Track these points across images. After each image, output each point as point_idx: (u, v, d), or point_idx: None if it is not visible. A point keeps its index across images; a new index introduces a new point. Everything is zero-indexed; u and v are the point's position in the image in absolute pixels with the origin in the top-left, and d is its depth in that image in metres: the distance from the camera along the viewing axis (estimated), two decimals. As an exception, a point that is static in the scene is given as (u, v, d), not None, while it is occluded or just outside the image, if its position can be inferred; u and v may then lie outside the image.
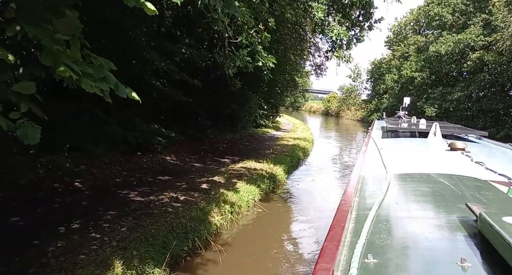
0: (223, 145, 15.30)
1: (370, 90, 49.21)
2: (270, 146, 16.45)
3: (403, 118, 9.14)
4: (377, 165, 3.41)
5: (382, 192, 2.35)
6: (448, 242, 1.63)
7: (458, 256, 1.42)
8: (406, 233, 1.73)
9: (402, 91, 34.21)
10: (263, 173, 9.68)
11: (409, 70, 32.48)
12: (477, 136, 6.50)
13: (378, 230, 1.74)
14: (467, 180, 2.75)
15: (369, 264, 1.39)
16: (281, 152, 14.62)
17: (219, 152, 13.40)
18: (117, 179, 7.49)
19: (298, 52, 16.56)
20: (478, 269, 1.36)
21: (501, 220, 1.47)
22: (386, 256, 1.46)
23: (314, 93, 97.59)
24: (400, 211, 2.10)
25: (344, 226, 1.69)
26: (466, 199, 2.20)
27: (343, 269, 1.38)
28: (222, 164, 10.82)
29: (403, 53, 38.79)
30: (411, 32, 41.44)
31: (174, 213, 5.68)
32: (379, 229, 1.76)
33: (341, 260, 1.45)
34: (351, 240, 1.63)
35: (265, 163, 11.05)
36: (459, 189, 2.49)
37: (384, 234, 1.70)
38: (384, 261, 1.41)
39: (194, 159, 11.10)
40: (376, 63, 46.28)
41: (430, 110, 27.63)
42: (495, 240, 1.40)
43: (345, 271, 1.36)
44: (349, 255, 1.47)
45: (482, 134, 6.51)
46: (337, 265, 1.39)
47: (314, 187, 11.08)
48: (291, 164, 12.88)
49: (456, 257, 1.41)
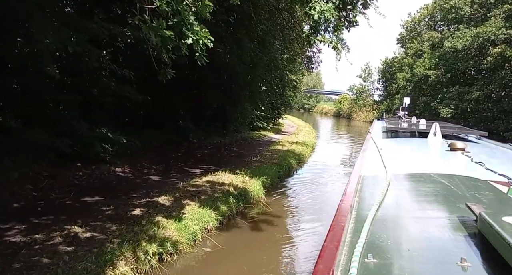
0: (204, 151, 13.36)
1: (381, 90, 46.78)
2: (261, 152, 14.46)
3: (403, 119, 9.12)
4: (377, 165, 3.37)
5: (382, 192, 2.33)
6: (448, 242, 1.64)
7: (458, 256, 1.41)
8: (406, 233, 1.75)
9: (415, 91, 31.78)
10: (231, 189, 7.69)
11: (422, 67, 29.99)
12: (477, 136, 6.44)
13: (378, 230, 1.73)
14: (467, 180, 2.75)
15: (369, 264, 1.39)
16: (270, 159, 12.62)
17: (195, 159, 11.46)
18: (16, 204, 5.59)
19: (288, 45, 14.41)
20: (478, 269, 1.37)
21: (501, 220, 1.47)
22: (386, 256, 1.46)
23: (326, 95, 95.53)
24: (400, 211, 2.13)
25: (344, 226, 1.72)
26: (466, 199, 2.19)
27: (343, 269, 1.38)
28: (188, 176, 8.88)
29: (417, 50, 36.33)
30: (425, 28, 38.99)
31: (47, 267, 3.71)
32: (379, 229, 1.75)
33: (341, 260, 1.45)
34: (351, 240, 1.63)
35: (241, 175, 9.07)
36: (459, 189, 2.48)
37: (384, 234, 1.69)
38: (384, 261, 1.42)
39: (154, 170, 9.19)
40: (388, 62, 43.78)
41: (445, 111, 25.19)
42: (495, 240, 1.40)
43: (345, 271, 1.36)
44: (349, 255, 1.47)
45: (482, 135, 6.49)
46: (337, 265, 1.39)
47: (299, 207, 8.98)
48: (277, 175, 10.86)
49: (456, 257, 1.41)
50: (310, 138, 22.52)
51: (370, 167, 3.34)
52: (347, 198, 2.16)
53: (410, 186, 2.69)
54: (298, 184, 11.17)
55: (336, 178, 12.34)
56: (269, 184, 9.58)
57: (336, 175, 13.04)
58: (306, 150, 16.93)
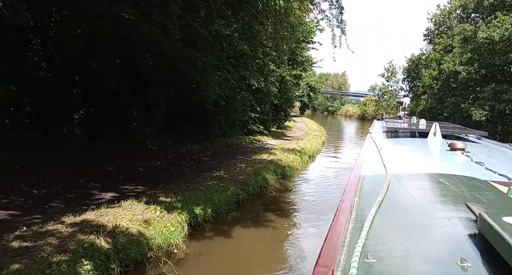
0: (157, 162, 10.45)
1: (406, 91, 42.67)
2: (235, 163, 11.46)
3: (403, 119, 9.19)
4: (377, 165, 3.32)
5: (382, 192, 2.30)
6: (448, 242, 1.62)
7: (458, 256, 1.40)
8: (406, 233, 1.73)
9: (443, 91, 27.78)
10: (107, 240, 4.72)
11: (452, 63, 25.97)
12: (477, 136, 6.45)
13: (378, 230, 1.71)
14: (467, 180, 2.75)
15: (369, 264, 1.38)
16: (238, 175, 9.63)
17: (126, 176, 8.58)
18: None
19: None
20: (478, 269, 1.36)
21: (501, 220, 1.46)
22: (386, 256, 1.45)
23: (351, 97, 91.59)
24: (400, 211, 2.11)
25: (344, 226, 1.71)
26: (466, 199, 2.19)
27: (343, 269, 1.37)
28: (75, 207, 6.00)
29: (446, 46, 32.20)
30: (456, 21, 34.73)
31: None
32: (379, 229, 1.73)
33: (341, 260, 1.44)
34: (351, 240, 1.61)
35: (161, 205, 6.12)
36: (459, 189, 2.47)
37: (384, 234, 1.68)
38: (384, 261, 1.41)
39: (29, 197, 6.34)
40: (414, 60, 39.64)
41: (478, 113, 21.29)
42: (495, 240, 1.40)
43: (345, 271, 1.35)
44: (349, 255, 1.45)
45: (482, 135, 6.52)
46: (337, 265, 1.38)
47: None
48: (232, 200, 7.81)
49: (456, 257, 1.40)
50: (315, 144, 19.27)
51: (370, 167, 3.29)
52: (347, 198, 2.18)
53: (410, 186, 2.69)
54: (258, 220, 7.80)
55: (328, 209, 8.14)
56: (204, 218, 6.55)
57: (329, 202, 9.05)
58: (300, 160, 13.75)
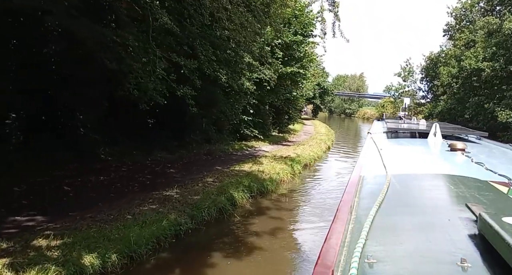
0: (100, 176, 8.52)
1: (424, 91, 39.78)
2: (205, 177, 9.52)
3: (403, 119, 9.58)
4: (377, 165, 3.31)
5: (382, 192, 2.29)
6: (448, 242, 1.61)
7: (458, 256, 1.40)
8: (406, 233, 1.73)
9: (464, 90, 25.14)
10: None
11: (474, 59, 23.34)
12: (477, 136, 6.43)
13: (378, 230, 1.70)
14: (467, 180, 2.73)
15: (369, 264, 1.37)
16: (197, 193, 7.69)
17: (33, 199, 6.75)
18: None
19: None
20: (478, 269, 1.36)
21: (501, 221, 1.45)
22: (386, 256, 1.45)
23: (369, 99, 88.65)
24: (400, 211, 2.10)
25: (344, 226, 1.71)
26: (466, 199, 2.18)
27: (343, 269, 1.37)
28: None
29: (468, 41, 29.46)
30: (480, 14, 31.88)
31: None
32: (379, 229, 1.72)
33: (341, 260, 1.44)
34: (351, 240, 1.61)
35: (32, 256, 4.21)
36: (459, 189, 2.46)
37: (384, 234, 1.67)
38: (384, 261, 1.40)
39: None
40: (433, 58, 36.80)
41: (504, 114, 18.72)
42: (495, 241, 1.39)
43: (345, 271, 1.34)
44: (349, 255, 1.45)
45: (482, 135, 6.50)
46: (337, 265, 1.39)
47: None
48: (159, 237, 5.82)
49: (456, 257, 1.39)
50: (316, 150, 17.12)
51: (370, 167, 3.29)
52: (347, 198, 2.18)
53: (410, 187, 2.69)
54: (194, 266, 5.76)
55: (315, 247, 6.08)
56: (101, 270, 4.58)
57: (318, 234, 6.93)
58: (289, 170, 11.63)
